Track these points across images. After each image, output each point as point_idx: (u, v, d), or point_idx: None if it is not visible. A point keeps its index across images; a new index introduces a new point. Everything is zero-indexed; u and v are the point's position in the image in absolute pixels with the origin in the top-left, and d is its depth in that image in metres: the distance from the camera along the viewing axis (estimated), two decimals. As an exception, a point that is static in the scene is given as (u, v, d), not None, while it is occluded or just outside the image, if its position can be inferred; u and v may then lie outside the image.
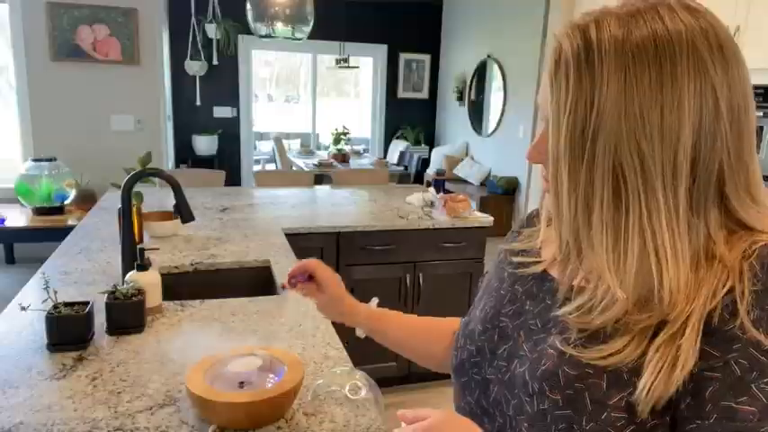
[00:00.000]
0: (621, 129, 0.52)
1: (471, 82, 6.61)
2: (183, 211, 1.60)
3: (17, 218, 3.86)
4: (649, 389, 0.52)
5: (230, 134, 6.82)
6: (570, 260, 0.61)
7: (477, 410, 0.70)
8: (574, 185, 0.55)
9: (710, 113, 0.52)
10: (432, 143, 7.64)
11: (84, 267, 1.82)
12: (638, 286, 0.54)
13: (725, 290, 0.52)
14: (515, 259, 0.76)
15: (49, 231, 3.75)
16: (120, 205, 1.62)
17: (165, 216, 2.26)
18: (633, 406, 0.54)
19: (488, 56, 6.19)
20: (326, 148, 7.48)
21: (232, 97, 6.74)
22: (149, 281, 1.43)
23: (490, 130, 6.21)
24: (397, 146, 7.25)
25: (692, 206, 0.54)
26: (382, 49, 7.28)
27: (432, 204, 2.86)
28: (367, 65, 7.64)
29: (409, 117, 7.62)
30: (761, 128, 2.76)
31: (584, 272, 0.61)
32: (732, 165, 0.54)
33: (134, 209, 1.94)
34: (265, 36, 3.50)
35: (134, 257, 1.49)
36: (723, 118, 0.52)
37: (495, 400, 0.67)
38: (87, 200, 4.08)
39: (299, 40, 3.57)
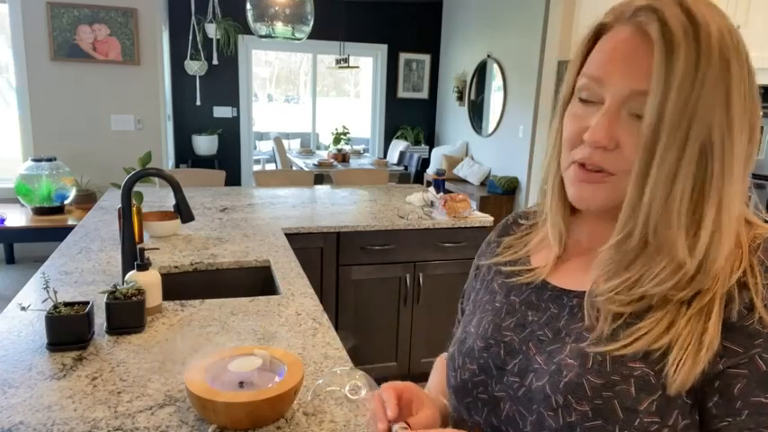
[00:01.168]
0: (715, 109, 0.54)
1: (471, 82, 6.61)
2: (182, 211, 1.60)
3: (17, 218, 3.87)
4: (678, 364, 0.53)
5: (230, 134, 6.82)
6: (628, 247, 0.59)
7: (487, 429, 0.67)
8: (663, 160, 0.55)
9: (753, 117, 0.58)
10: (432, 143, 7.64)
11: (85, 267, 1.82)
12: (699, 257, 0.56)
13: (737, 274, 0.55)
14: (505, 269, 0.74)
15: (49, 231, 3.75)
16: (120, 205, 1.62)
17: (165, 216, 2.26)
18: (664, 409, 0.54)
19: (488, 56, 6.19)
20: (326, 147, 7.48)
21: (232, 97, 6.74)
22: (149, 281, 1.43)
23: (490, 130, 6.21)
24: (397, 146, 7.24)
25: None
26: (382, 49, 7.28)
27: (432, 204, 2.86)
28: (367, 65, 7.64)
29: (409, 117, 7.62)
30: (761, 128, 2.76)
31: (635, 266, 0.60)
32: (750, 155, 0.59)
33: (134, 209, 1.94)
34: (265, 36, 3.50)
35: (134, 257, 1.49)
36: (755, 123, 0.59)
37: (509, 418, 0.64)
38: (87, 200, 4.08)
39: (299, 40, 3.57)
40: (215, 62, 6.42)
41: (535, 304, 0.68)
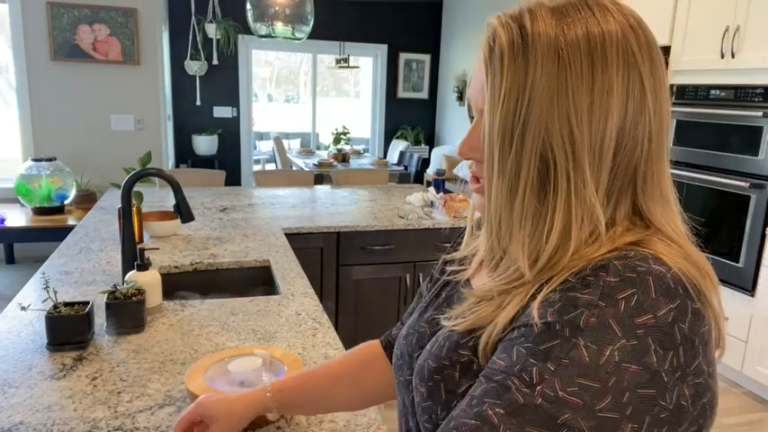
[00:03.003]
0: (554, 112, 0.53)
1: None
2: (182, 211, 1.60)
3: (17, 218, 3.86)
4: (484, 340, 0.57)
5: (230, 134, 6.82)
6: (494, 261, 0.62)
7: (402, 410, 0.71)
8: (502, 172, 0.55)
9: (636, 101, 0.54)
10: (432, 143, 7.64)
11: (85, 267, 1.82)
12: (539, 267, 0.56)
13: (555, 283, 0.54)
14: (449, 267, 0.76)
15: (49, 231, 3.75)
16: (120, 205, 1.62)
17: (165, 216, 2.26)
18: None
19: (488, 56, 6.19)
20: (326, 147, 7.48)
21: (232, 97, 6.74)
22: (149, 281, 1.43)
23: (490, 130, 6.21)
24: (397, 146, 7.24)
25: (608, 190, 0.55)
26: (382, 49, 7.28)
27: (432, 204, 2.86)
28: (367, 65, 7.64)
29: (409, 117, 7.62)
30: (761, 128, 2.76)
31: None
32: (651, 155, 0.56)
33: (134, 209, 1.94)
34: (265, 36, 3.50)
35: (134, 257, 1.49)
36: (648, 108, 0.55)
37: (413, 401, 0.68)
38: (87, 200, 4.08)
39: (299, 39, 3.57)
40: (215, 62, 6.42)
41: (453, 300, 0.70)
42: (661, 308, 0.47)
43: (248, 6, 3.47)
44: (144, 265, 1.43)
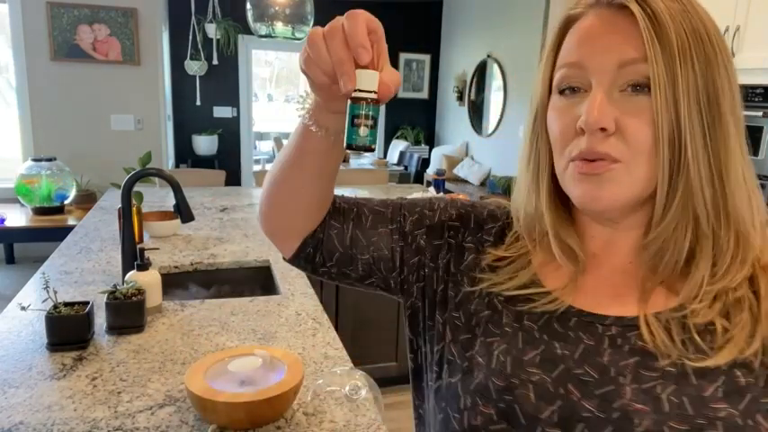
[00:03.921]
0: (723, 80, 0.50)
1: (471, 82, 6.61)
2: (182, 211, 1.60)
3: (17, 218, 3.86)
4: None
5: (230, 134, 6.82)
6: (682, 244, 0.52)
7: None
8: (695, 131, 0.49)
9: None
10: (432, 143, 7.64)
11: (84, 267, 1.82)
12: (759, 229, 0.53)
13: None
14: (511, 293, 0.61)
15: (49, 231, 3.75)
16: (120, 205, 1.62)
17: (165, 216, 2.26)
18: None
19: (488, 56, 6.19)
20: (326, 147, 7.47)
21: (232, 97, 6.74)
22: (149, 281, 1.43)
23: (490, 130, 6.20)
24: (397, 146, 7.24)
25: None
26: (382, 49, 7.28)
27: (432, 204, 2.86)
28: (367, 65, 7.63)
29: (409, 117, 7.61)
30: (761, 128, 2.76)
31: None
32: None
33: (134, 209, 1.94)
34: (265, 36, 3.50)
35: (134, 257, 1.49)
36: None
37: None
38: (87, 200, 4.08)
39: (299, 39, 3.57)
40: (215, 62, 6.42)
41: (561, 334, 0.56)
42: None
43: (248, 6, 3.47)
44: (144, 265, 1.44)
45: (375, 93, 0.51)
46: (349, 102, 0.51)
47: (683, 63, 0.48)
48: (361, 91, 0.51)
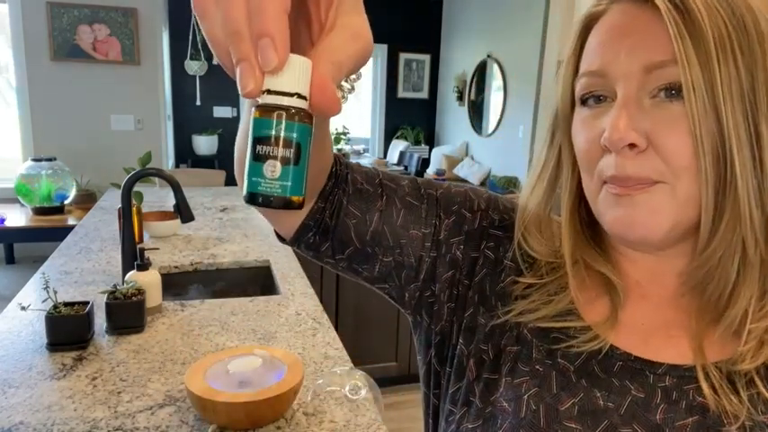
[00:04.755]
0: (763, 81, 0.43)
1: (471, 82, 6.61)
2: (182, 211, 1.60)
3: (17, 218, 3.86)
4: None
5: (230, 134, 6.81)
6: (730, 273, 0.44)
7: None
8: (755, 164, 0.42)
9: None
10: (432, 143, 7.64)
11: (84, 267, 1.82)
12: None
13: None
14: (544, 324, 0.51)
15: (49, 231, 3.75)
16: (120, 205, 1.62)
17: (165, 216, 2.26)
18: None
19: (488, 56, 6.19)
20: (326, 147, 7.47)
21: (232, 97, 6.74)
22: (149, 281, 1.43)
23: (490, 130, 6.20)
24: (397, 146, 7.24)
25: None
26: (382, 49, 7.28)
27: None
28: (367, 64, 7.63)
29: (409, 117, 7.61)
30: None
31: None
32: None
33: (134, 209, 1.94)
34: (265, 36, 3.50)
35: (134, 257, 1.49)
36: None
37: None
38: (87, 200, 4.08)
39: (299, 39, 3.57)
40: (215, 62, 6.38)
41: (602, 380, 0.48)
42: None
43: (248, 6, 3.47)
44: (144, 265, 1.43)
45: (303, 97, 0.31)
46: (252, 114, 0.32)
47: (723, 61, 0.40)
48: (274, 93, 0.31)
